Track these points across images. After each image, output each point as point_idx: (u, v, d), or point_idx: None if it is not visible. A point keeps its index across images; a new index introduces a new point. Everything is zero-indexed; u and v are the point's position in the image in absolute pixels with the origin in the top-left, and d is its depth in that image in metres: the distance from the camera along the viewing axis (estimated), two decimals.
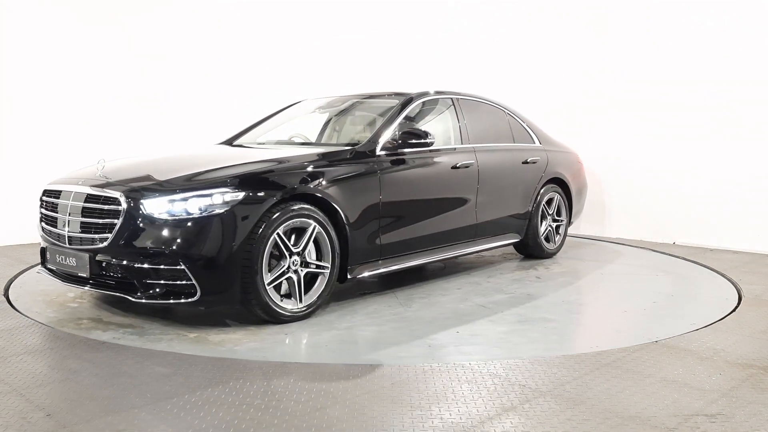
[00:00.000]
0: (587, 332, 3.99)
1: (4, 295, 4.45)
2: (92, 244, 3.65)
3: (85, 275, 3.72)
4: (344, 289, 4.66)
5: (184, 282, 3.49)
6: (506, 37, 8.06)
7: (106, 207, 3.63)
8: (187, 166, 3.92)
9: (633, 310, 4.25)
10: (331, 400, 2.67)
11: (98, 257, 3.63)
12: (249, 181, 3.68)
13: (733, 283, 4.95)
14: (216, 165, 3.89)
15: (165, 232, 3.49)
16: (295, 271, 3.79)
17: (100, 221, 3.63)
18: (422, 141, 4.50)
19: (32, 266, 5.28)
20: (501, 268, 5.50)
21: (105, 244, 3.58)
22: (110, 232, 3.57)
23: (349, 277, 4.14)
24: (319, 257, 3.93)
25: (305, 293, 3.86)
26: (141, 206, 3.52)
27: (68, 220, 3.79)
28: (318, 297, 3.92)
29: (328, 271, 3.94)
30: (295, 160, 4.09)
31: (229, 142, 5.29)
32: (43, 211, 4.07)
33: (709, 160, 6.60)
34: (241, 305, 3.67)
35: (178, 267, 3.46)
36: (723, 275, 5.24)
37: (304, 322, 3.83)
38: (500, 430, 2.41)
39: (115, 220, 3.57)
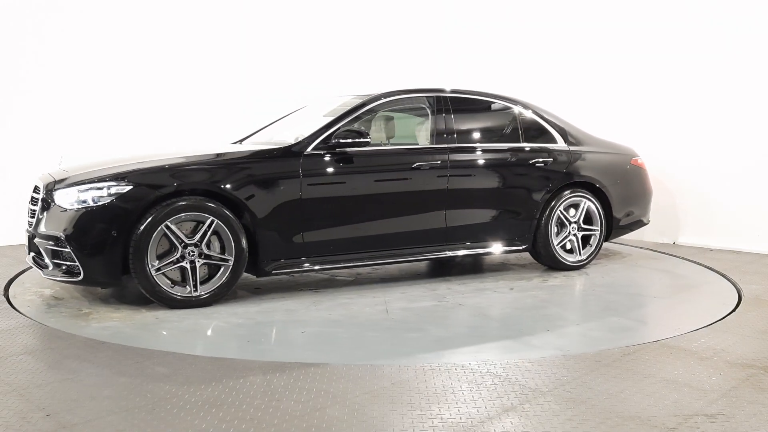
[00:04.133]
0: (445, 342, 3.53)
1: (4, 295, 4.46)
2: (31, 227, 4.23)
3: (27, 254, 4.33)
4: (289, 285, 4.76)
5: (72, 263, 3.93)
6: (511, 31, 8.07)
7: (36, 196, 4.22)
8: (117, 162, 4.22)
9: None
10: (331, 400, 2.67)
11: (35, 239, 4.14)
12: (136, 176, 4.00)
13: (733, 283, 4.94)
14: (141, 161, 4.16)
15: (62, 219, 3.96)
16: (191, 261, 4.00)
17: (34, 208, 4.23)
18: (359, 140, 4.46)
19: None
20: (495, 277, 5.15)
21: (32, 228, 4.17)
22: (35, 218, 4.16)
23: (263, 271, 4.28)
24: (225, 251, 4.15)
25: (207, 282, 4.11)
26: (53, 196, 4.04)
27: (29, 207, 4.37)
28: (218, 287, 4.12)
29: (231, 264, 4.12)
30: (213, 157, 4.29)
31: (239, 142, 5.51)
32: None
33: (710, 160, 6.60)
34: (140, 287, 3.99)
35: (66, 249, 3.92)
36: (723, 275, 5.24)
37: (194, 310, 4.03)
38: (500, 430, 2.41)
39: (36, 207, 4.16)
